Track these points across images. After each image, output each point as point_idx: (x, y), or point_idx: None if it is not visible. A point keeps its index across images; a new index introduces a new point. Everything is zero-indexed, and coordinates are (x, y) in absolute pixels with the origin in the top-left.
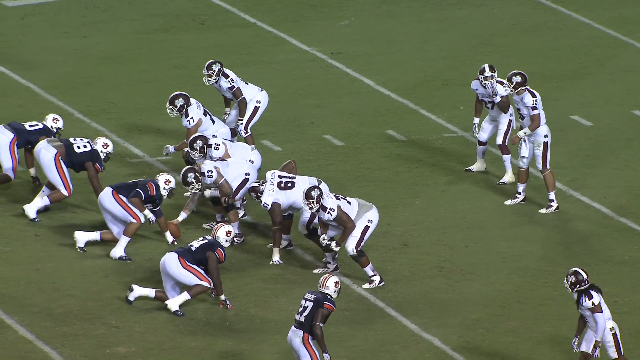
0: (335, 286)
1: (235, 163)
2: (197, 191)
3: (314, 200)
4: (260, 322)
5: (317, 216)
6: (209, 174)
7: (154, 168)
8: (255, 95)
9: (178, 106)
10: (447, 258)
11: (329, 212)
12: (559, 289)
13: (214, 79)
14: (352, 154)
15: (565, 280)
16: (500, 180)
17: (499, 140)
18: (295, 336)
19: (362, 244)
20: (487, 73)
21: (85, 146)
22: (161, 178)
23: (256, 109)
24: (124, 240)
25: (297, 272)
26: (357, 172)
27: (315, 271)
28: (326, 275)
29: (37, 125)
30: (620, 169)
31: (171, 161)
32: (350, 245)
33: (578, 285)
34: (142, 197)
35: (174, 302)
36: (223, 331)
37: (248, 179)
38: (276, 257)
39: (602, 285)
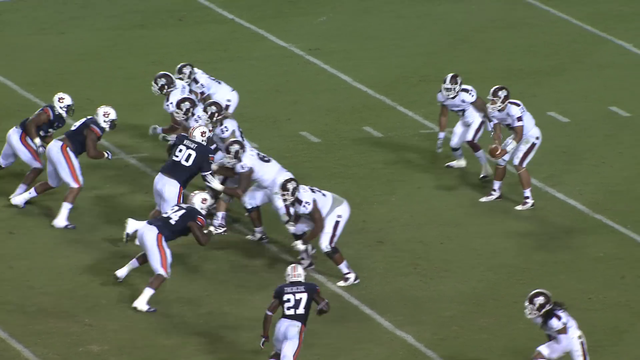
0: (304, 271)
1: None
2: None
3: (289, 193)
4: (235, 320)
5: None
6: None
7: (131, 166)
8: (226, 95)
9: (159, 85)
10: (422, 255)
11: (304, 205)
12: (533, 285)
13: (186, 82)
14: (329, 150)
15: (529, 306)
16: (482, 175)
17: (469, 137)
18: (293, 326)
19: (335, 239)
20: (447, 84)
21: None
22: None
23: (226, 107)
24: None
25: (271, 270)
26: (334, 168)
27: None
28: (292, 265)
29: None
30: (597, 165)
31: (149, 158)
32: (324, 242)
33: (547, 306)
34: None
35: (141, 302)
36: (197, 329)
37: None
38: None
39: (576, 282)
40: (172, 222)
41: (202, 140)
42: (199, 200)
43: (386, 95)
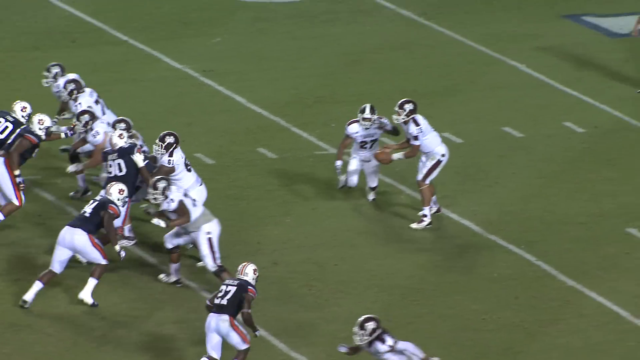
0: (254, 273)
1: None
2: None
3: (160, 192)
4: (126, 345)
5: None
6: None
7: (29, 190)
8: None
9: (69, 89)
10: (317, 276)
11: (169, 201)
12: (427, 306)
13: (52, 80)
14: (223, 172)
15: (360, 332)
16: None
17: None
18: (221, 321)
19: (217, 256)
20: (367, 114)
21: (6, 127)
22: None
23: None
24: None
25: (165, 291)
26: (228, 190)
27: (161, 277)
28: (244, 263)
29: (7, 127)
30: (490, 185)
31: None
32: (209, 262)
33: (377, 331)
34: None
35: (86, 294)
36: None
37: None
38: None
39: (470, 303)
40: (87, 214)
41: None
42: (116, 191)
43: (281, 116)
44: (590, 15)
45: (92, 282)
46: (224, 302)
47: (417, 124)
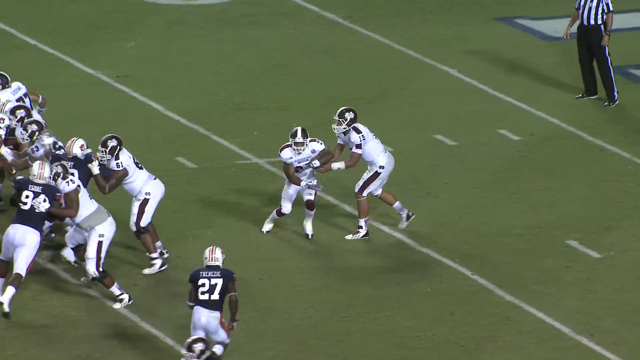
0: (222, 254)
1: None
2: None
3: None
4: None
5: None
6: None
7: None
8: None
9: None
10: (240, 292)
11: (69, 181)
12: (358, 323)
13: None
14: None
15: (190, 353)
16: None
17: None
18: (213, 318)
19: (101, 262)
20: (299, 138)
21: None
22: None
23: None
24: None
25: (80, 307)
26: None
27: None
28: (210, 247)
29: None
30: (422, 196)
31: None
32: (91, 267)
33: (207, 352)
34: None
35: (6, 299)
36: None
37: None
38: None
39: (403, 319)
40: (27, 207)
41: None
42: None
43: (200, 124)
44: (524, 18)
45: (11, 291)
46: (215, 296)
47: (358, 132)
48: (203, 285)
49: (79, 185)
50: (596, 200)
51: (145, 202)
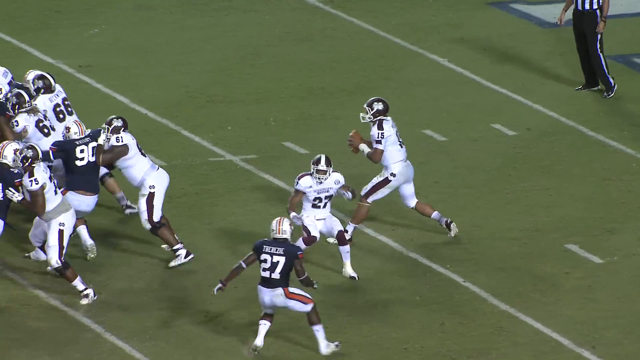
0: (290, 227)
1: None
2: None
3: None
4: None
5: None
6: None
7: None
8: None
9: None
10: (213, 300)
11: (32, 180)
12: (341, 334)
13: None
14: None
15: None
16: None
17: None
18: (275, 296)
19: (63, 252)
20: (322, 166)
21: None
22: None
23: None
24: None
25: (40, 318)
26: (111, 201)
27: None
28: (278, 218)
29: None
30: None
31: None
32: (53, 256)
33: None
34: None
35: None
36: None
37: None
38: None
39: (389, 330)
40: None
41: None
42: (10, 151)
43: (169, 118)
44: (520, 2)
45: None
46: (276, 275)
47: (380, 128)
48: (265, 261)
49: (45, 183)
50: (598, 200)
51: (151, 196)
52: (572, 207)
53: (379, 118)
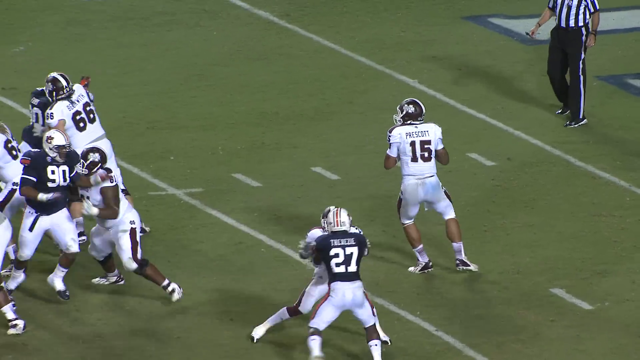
0: (349, 217)
1: None
2: None
3: None
4: None
5: None
6: None
7: None
8: None
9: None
10: (154, 354)
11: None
12: None
13: None
14: None
15: None
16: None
17: None
18: (357, 289)
19: None
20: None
21: None
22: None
23: None
24: None
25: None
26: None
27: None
28: (334, 210)
29: None
30: (377, 235)
31: None
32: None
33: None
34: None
35: None
36: None
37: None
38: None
39: None
40: None
41: None
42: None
43: None
44: (499, 16)
45: None
46: (353, 268)
47: (390, 132)
48: (336, 255)
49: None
50: (587, 239)
51: (133, 231)
52: (558, 246)
53: (404, 121)
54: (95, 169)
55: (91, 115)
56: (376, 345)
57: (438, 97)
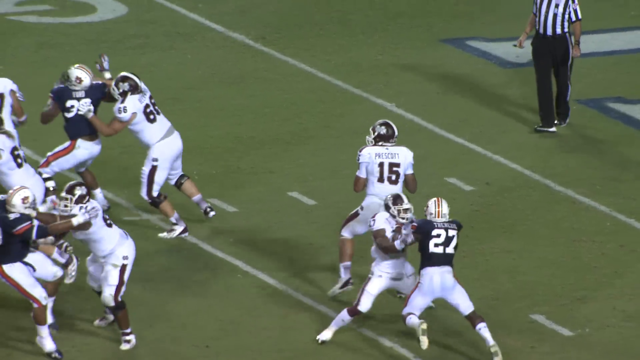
0: (448, 207)
1: None
2: None
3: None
4: None
5: None
6: None
7: None
8: None
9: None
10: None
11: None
12: None
13: None
14: None
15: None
16: None
17: None
18: (446, 273)
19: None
20: (406, 204)
21: None
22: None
23: None
24: None
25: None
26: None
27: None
28: (434, 199)
29: None
30: (354, 261)
31: None
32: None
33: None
34: None
35: None
36: None
37: None
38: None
39: None
40: None
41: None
42: (19, 199)
43: (75, 174)
44: (477, 39)
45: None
46: (450, 250)
47: (360, 150)
48: (438, 236)
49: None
50: (567, 265)
51: (124, 268)
52: (538, 272)
53: (380, 143)
54: (84, 201)
55: (157, 107)
56: (485, 326)
57: (416, 121)
